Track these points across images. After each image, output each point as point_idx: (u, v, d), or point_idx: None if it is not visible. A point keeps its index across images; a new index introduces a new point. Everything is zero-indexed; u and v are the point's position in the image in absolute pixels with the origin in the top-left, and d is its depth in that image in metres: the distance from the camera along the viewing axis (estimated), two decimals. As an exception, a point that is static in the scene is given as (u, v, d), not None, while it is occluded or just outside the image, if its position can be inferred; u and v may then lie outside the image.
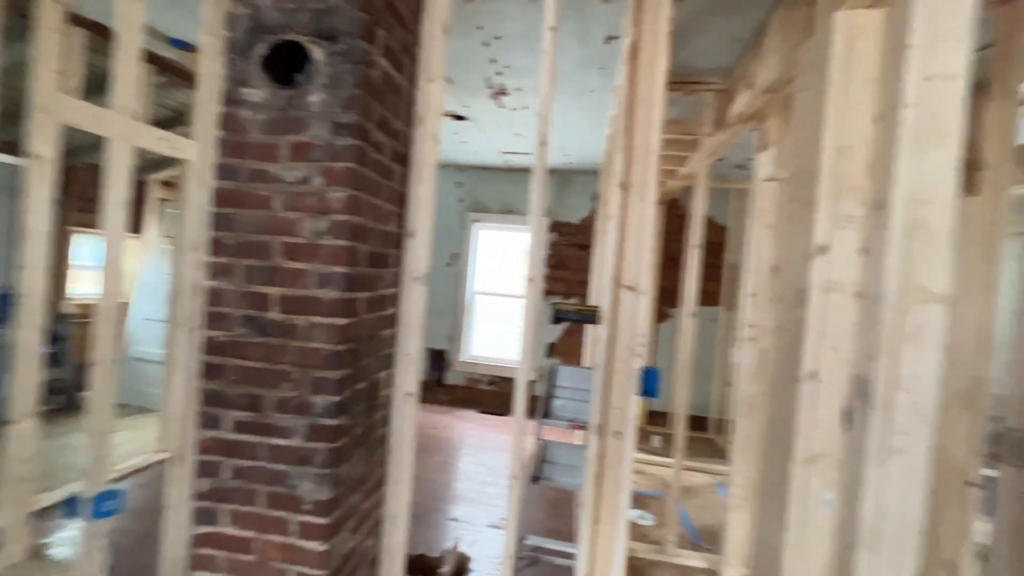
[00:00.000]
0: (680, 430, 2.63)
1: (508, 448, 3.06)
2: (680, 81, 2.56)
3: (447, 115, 3.62)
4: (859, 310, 1.20)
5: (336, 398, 1.35)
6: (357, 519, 1.55)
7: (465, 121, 3.78)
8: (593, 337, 3.30)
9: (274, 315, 1.36)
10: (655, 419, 4.99)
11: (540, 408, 2.11)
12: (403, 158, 1.70)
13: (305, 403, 1.35)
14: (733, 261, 4.89)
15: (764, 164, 2.33)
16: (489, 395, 5.36)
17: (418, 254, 1.73)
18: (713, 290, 4.97)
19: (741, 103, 2.27)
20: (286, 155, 1.37)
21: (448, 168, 5.43)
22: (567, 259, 5.21)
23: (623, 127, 1.61)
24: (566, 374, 2.26)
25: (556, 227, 5.29)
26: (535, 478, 2.04)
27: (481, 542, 2.62)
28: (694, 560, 2.56)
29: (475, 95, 3.21)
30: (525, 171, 5.20)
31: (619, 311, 1.61)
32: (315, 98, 1.36)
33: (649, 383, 1.58)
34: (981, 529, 1.57)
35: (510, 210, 5.38)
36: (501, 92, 3.13)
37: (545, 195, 1.66)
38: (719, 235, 5.02)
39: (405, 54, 1.62)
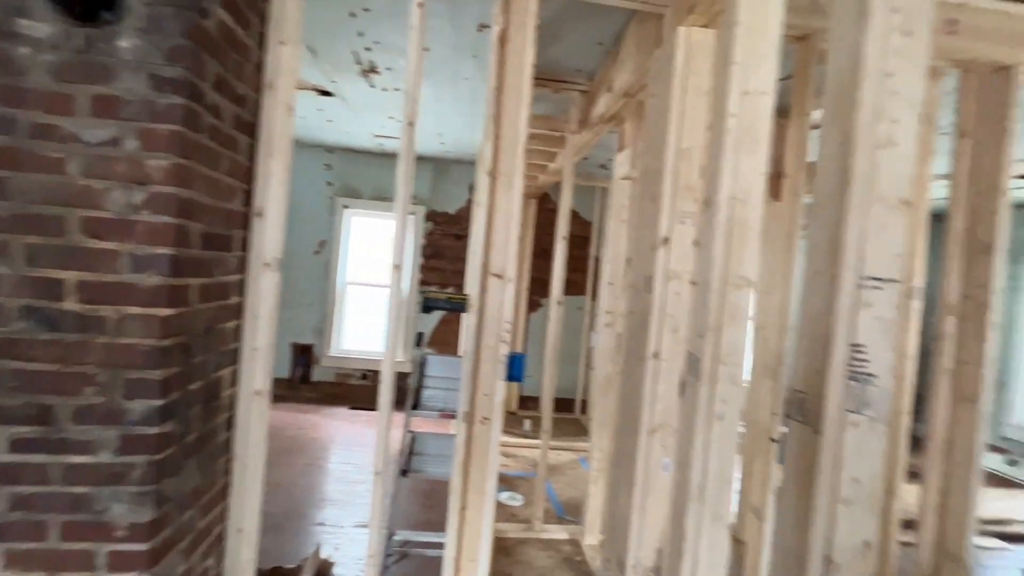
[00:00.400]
0: (547, 412, 2.76)
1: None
2: (549, 78, 2.66)
3: (311, 89, 3.32)
4: (692, 295, 1.36)
5: (159, 402, 1.15)
6: (192, 539, 1.35)
7: (332, 97, 3.50)
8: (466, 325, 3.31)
9: (70, 305, 1.11)
10: (526, 404, 5.21)
11: (409, 399, 2.05)
12: (250, 128, 1.50)
13: (116, 410, 1.13)
14: (597, 254, 5.28)
15: (621, 163, 2.53)
16: (361, 390, 5.11)
17: (269, 236, 1.55)
18: (580, 280, 5.32)
19: (602, 104, 2.43)
20: (85, 109, 1.12)
21: (315, 148, 5.01)
22: (443, 249, 5.16)
23: (492, 115, 1.61)
24: (437, 363, 2.23)
25: (433, 216, 5.21)
26: (404, 471, 1.99)
27: (348, 544, 2.49)
28: (559, 533, 2.72)
29: (342, 70, 2.98)
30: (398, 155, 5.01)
31: (487, 299, 1.63)
32: (127, 43, 1.13)
33: (515, 368, 1.62)
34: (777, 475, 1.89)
35: (384, 196, 5.15)
36: (372, 70, 2.96)
37: (411, 179, 1.60)
38: (585, 229, 5.38)
39: (251, 10, 1.43)
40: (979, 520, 3.16)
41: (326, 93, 3.42)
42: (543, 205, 5.31)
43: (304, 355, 5.08)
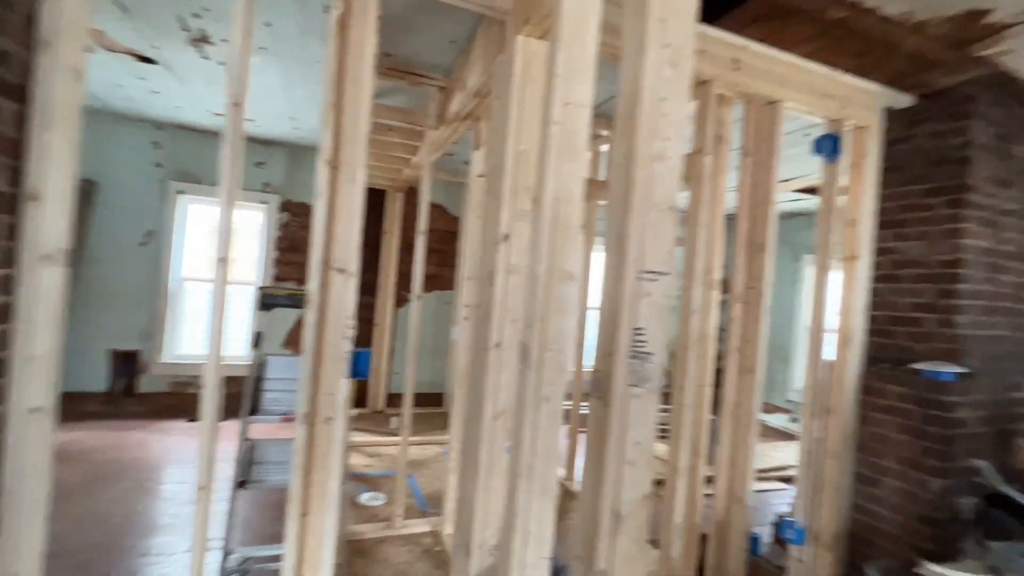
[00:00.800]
0: (408, 408, 2.75)
1: (222, 457, 2.64)
2: (405, 71, 2.63)
3: (126, 53, 2.85)
4: (524, 288, 1.46)
5: None
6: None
7: (155, 66, 3.04)
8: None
9: None
10: (395, 400, 5.11)
11: (246, 404, 1.88)
12: (18, 92, 1.25)
13: None
14: (465, 249, 5.36)
15: (477, 162, 2.60)
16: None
17: (49, 224, 1.30)
18: (449, 275, 5.36)
19: (457, 102, 2.47)
20: None
21: (139, 123, 4.31)
22: (301, 242, 4.81)
23: (331, 103, 1.55)
24: (278, 364, 2.08)
25: (289, 207, 4.82)
26: (242, 483, 1.83)
27: (180, 572, 2.22)
28: (420, 527, 2.73)
29: (166, 35, 2.61)
30: (247, 138, 4.54)
31: (329, 294, 1.56)
32: None
33: (360, 365, 1.59)
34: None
35: (229, 182, 4.63)
36: (203, 39, 2.63)
37: (239, 164, 1.47)
38: (454, 224, 5.42)
39: (14, -54, 1.19)
40: (769, 468, 3.91)
41: (148, 60, 2.97)
42: (411, 199, 5.24)
43: (128, 363, 4.36)
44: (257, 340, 1.95)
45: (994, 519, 2.01)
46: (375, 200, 5.12)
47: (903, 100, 2.39)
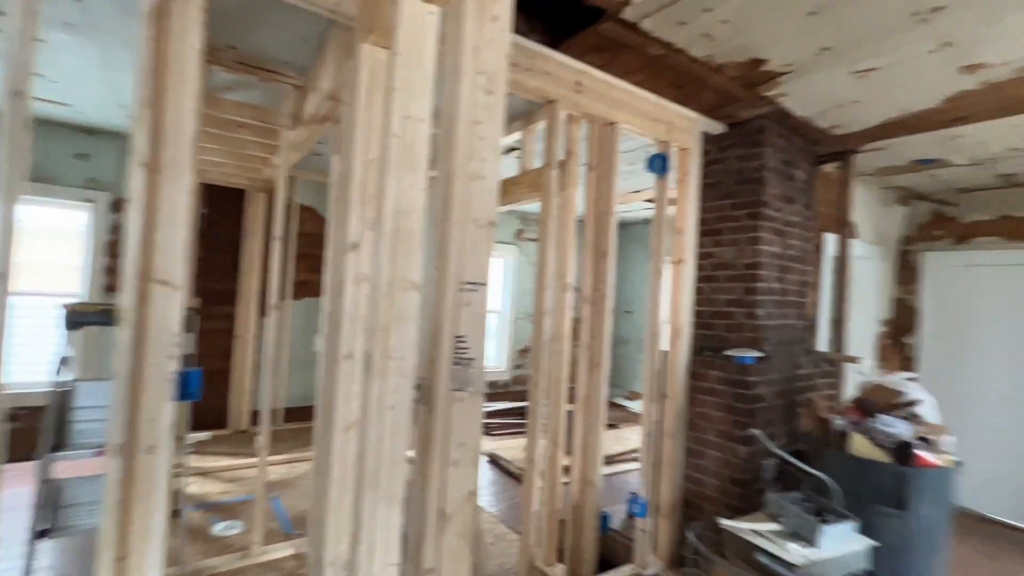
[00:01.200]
0: (266, 426, 2.57)
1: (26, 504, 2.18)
2: (255, 65, 2.45)
3: None
4: (368, 298, 1.46)
5: None
6: None
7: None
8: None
9: None
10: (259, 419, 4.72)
11: (46, 440, 1.62)
12: None
13: None
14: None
15: (334, 167, 2.52)
16: (10, 435, 3.77)
17: None
18: (320, 281, 5.08)
19: (312, 103, 2.37)
20: None
21: None
22: (140, 246, 4.22)
23: (146, 99, 1.40)
24: (89, 391, 1.81)
25: (123, 206, 4.20)
26: (43, 532, 1.56)
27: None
28: (283, 551, 2.57)
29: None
30: (62, 125, 3.88)
31: (149, 309, 1.41)
32: None
33: (190, 386, 1.46)
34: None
35: (43, 176, 3.90)
36: (-13, 6, 2.19)
37: (22, 160, 1.27)
38: (323, 227, 5.16)
39: None
40: (629, 450, 4.32)
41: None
42: (272, 202, 4.87)
43: None
44: (63, 364, 1.67)
45: (787, 475, 2.46)
46: (234, 201, 4.68)
47: (717, 127, 2.81)
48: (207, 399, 4.60)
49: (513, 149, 3.62)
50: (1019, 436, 3.52)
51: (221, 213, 4.64)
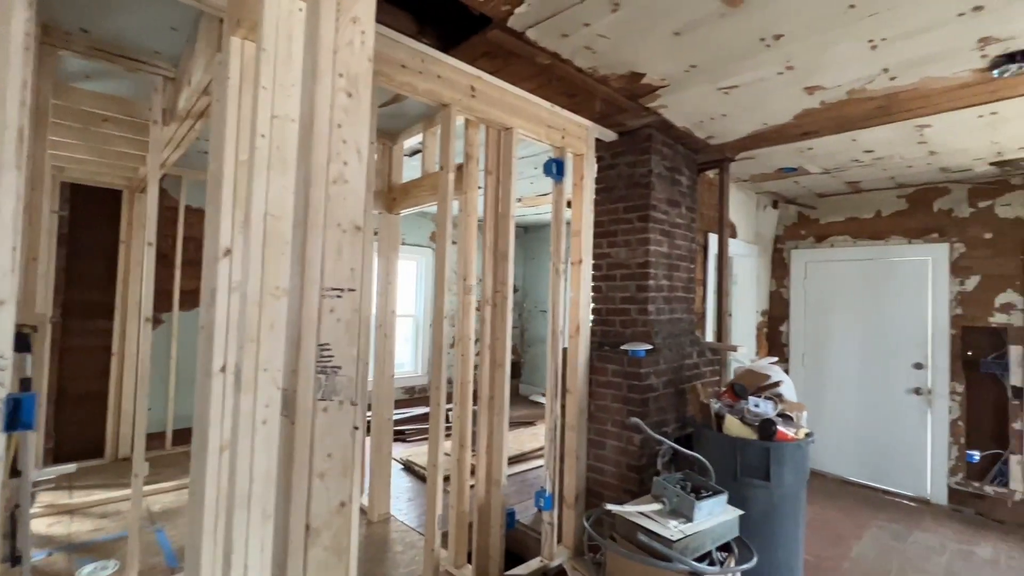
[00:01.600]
0: (140, 451, 2.32)
1: None
2: (114, 52, 2.21)
3: None
4: (237, 307, 1.38)
5: None
6: None
7: None
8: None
9: None
10: (151, 442, 4.26)
11: None
12: None
13: None
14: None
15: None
16: None
17: None
18: (216, 290, 4.70)
19: (185, 98, 2.19)
20: None
21: None
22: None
23: (-46, 85, 1.22)
24: None
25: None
26: None
27: None
28: (164, 587, 2.34)
29: None
30: None
31: (-35, 328, 1.23)
32: None
33: (24, 415, 1.29)
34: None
35: None
36: None
37: None
38: (220, 232, 4.77)
39: None
40: (537, 447, 4.44)
41: None
42: (163, 201, 4.43)
43: None
44: None
45: (681, 458, 2.66)
46: (108, 202, 4.19)
47: (609, 135, 2.98)
48: (79, 426, 4.07)
49: (417, 152, 3.58)
50: (867, 409, 4.08)
51: (90, 216, 4.14)
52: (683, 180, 3.17)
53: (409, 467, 4.12)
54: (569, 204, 2.92)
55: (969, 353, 3.64)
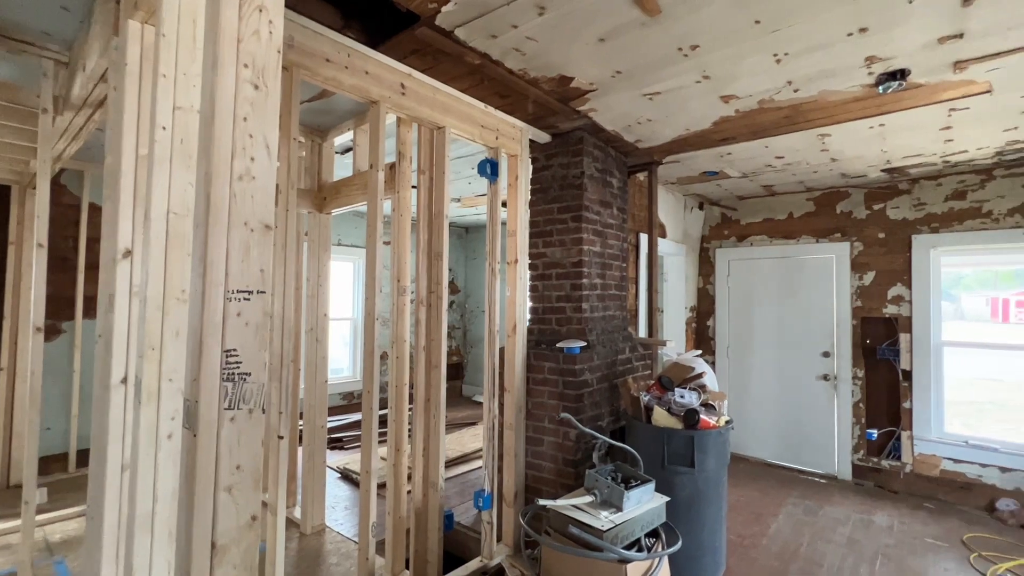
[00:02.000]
0: (31, 478, 2.09)
1: None
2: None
3: None
4: (136, 312, 1.28)
5: None
6: None
7: None
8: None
9: None
10: (48, 466, 3.85)
11: None
12: None
13: None
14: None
15: (120, 159, 2.15)
16: None
17: None
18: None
19: (79, 85, 2.00)
20: None
21: None
22: None
23: None
24: None
25: None
26: None
27: None
28: (63, 624, 2.12)
29: None
30: None
31: None
32: None
33: None
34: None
35: None
36: None
37: None
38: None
39: None
40: (479, 448, 4.44)
41: None
42: (57, 199, 4.01)
43: None
44: None
45: (617, 450, 2.75)
46: (-10, 198, 3.74)
47: (543, 136, 3.03)
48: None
49: (349, 149, 3.47)
50: (783, 395, 4.41)
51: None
52: (614, 182, 3.28)
53: (347, 475, 3.98)
54: (505, 204, 2.94)
55: (867, 341, 4.03)
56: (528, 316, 3.01)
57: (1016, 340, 6.14)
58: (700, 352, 3.01)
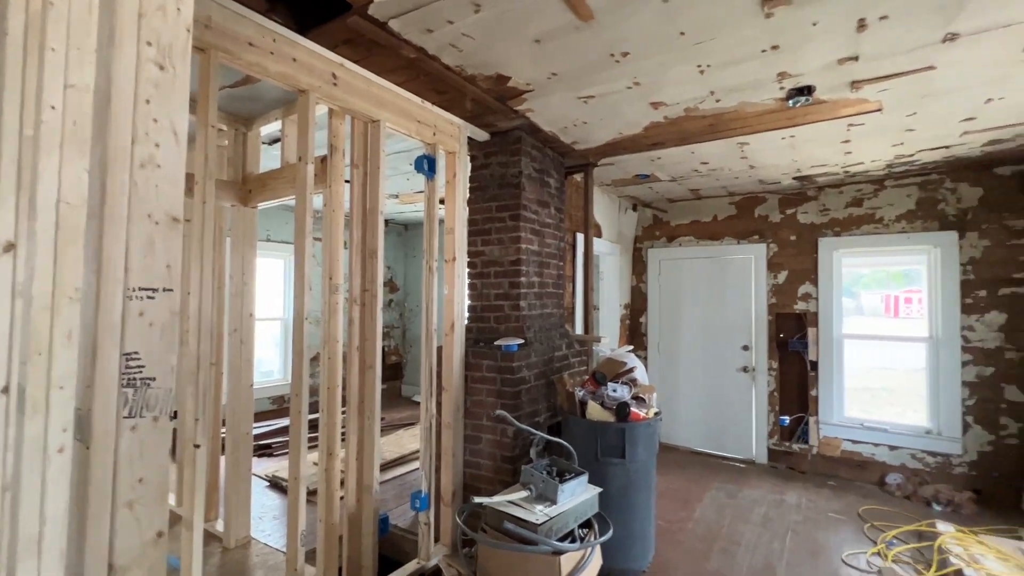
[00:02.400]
0: None
1: None
2: None
3: None
4: (19, 314, 1.14)
5: None
6: None
7: None
8: None
9: None
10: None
11: None
12: None
13: None
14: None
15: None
16: None
17: None
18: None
19: (-50, 53, 1.75)
20: None
21: None
22: None
23: None
24: None
25: None
26: None
27: None
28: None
29: None
30: None
31: None
32: None
33: None
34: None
35: None
36: None
37: None
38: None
39: None
40: (413, 451, 4.38)
41: None
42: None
43: None
44: None
45: (554, 445, 2.80)
46: None
47: (482, 134, 3.02)
48: None
49: (278, 140, 3.30)
50: (709, 387, 4.70)
51: None
52: (552, 182, 3.34)
53: (276, 483, 3.78)
54: (443, 202, 2.91)
55: (781, 335, 4.38)
56: (467, 314, 3.01)
57: (904, 332, 6.90)
58: (632, 348, 3.14)
